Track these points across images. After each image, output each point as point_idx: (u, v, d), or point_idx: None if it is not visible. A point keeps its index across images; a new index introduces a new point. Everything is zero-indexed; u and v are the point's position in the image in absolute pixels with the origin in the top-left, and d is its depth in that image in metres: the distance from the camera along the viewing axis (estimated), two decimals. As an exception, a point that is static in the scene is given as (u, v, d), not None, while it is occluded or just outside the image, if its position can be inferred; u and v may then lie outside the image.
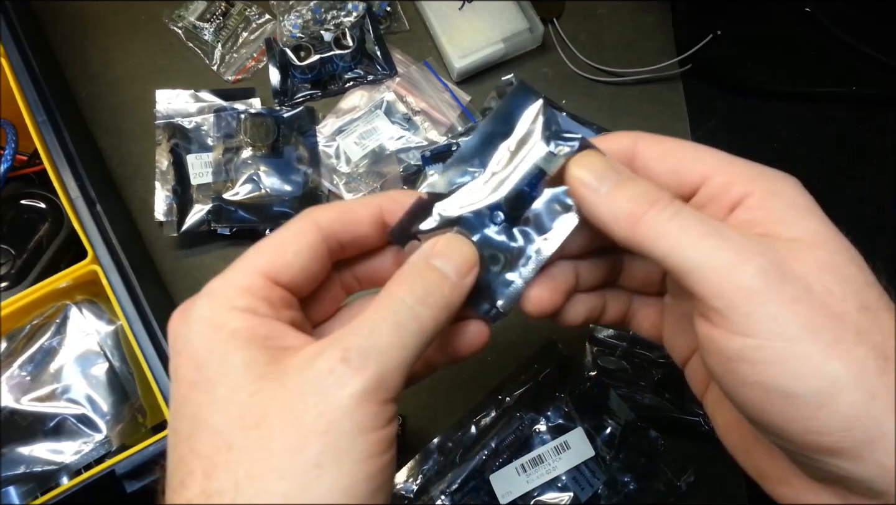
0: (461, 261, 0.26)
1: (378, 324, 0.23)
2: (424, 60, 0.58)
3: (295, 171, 0.53)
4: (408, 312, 0.24)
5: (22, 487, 0.39)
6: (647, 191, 0.25)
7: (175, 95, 0.55)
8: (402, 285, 0.24)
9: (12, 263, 0.45)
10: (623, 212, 0.24)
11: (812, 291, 0.22)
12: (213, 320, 0.24)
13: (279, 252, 0.25)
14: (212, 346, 0.23)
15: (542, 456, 0.46)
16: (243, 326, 0.24)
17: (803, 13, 0.60)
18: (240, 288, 0.25)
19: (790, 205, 0.25)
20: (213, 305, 0.25)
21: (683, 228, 0.23)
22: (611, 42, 0.59)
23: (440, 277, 0.25)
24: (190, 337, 0.24)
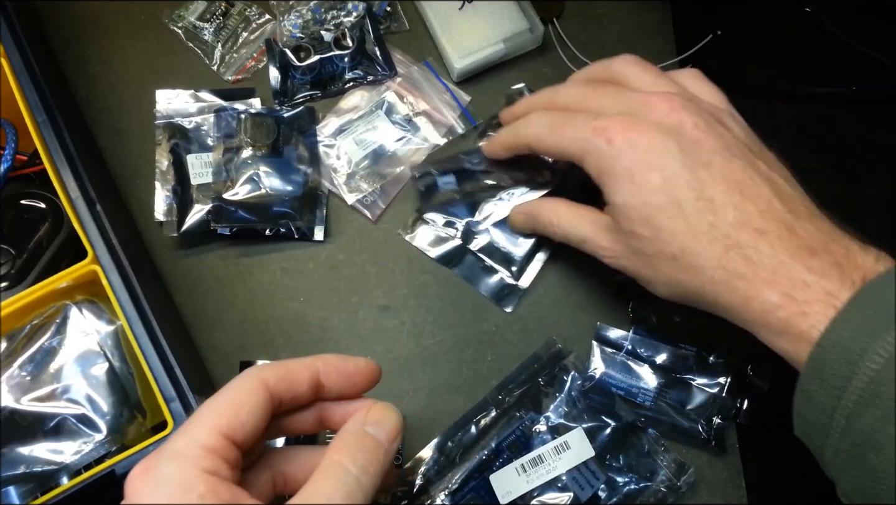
0: (390, 428, 0.30)
1: (330, 496, 0.26)
2: (425, 61, 0.58)
3: (295, 171, 0.53)
4: (355, 483, 0.27)
5: (22, 487, 0.39)
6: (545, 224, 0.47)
7: (175, 95, 0.56)
8: (346, 454, 0.28)
9: (12, 263, 0.45)
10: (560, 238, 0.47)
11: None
12: (182, 483, 0.25)
13: (236, 411, 0.28)
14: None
15: (542, 456, 0.46)
16: (208, 489, 0.25)
17: (803, 13, 0.60)
18: (205, 448, 0.26)
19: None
20: (182, 467, 0.25)
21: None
22: (611, 42, 0.59)
23: (376, 445, 0.29)
24: (155, 498, 0.25)
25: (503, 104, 0.56)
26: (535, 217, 0.47)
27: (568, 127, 0.40)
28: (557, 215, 0.45)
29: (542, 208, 0.46)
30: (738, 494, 0.48)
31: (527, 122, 0.43)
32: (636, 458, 0.47)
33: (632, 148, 0.37)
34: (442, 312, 0.52)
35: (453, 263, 0.53)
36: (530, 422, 0.47)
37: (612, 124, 0.38)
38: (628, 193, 0.37)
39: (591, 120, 0.39)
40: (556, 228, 0.45)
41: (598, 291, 0.52)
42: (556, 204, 0.46)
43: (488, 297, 0.52)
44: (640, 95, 0.39)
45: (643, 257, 0.38)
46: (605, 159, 0.38)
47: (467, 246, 0.52)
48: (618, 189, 0.38)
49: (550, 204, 0.46)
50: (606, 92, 0.41)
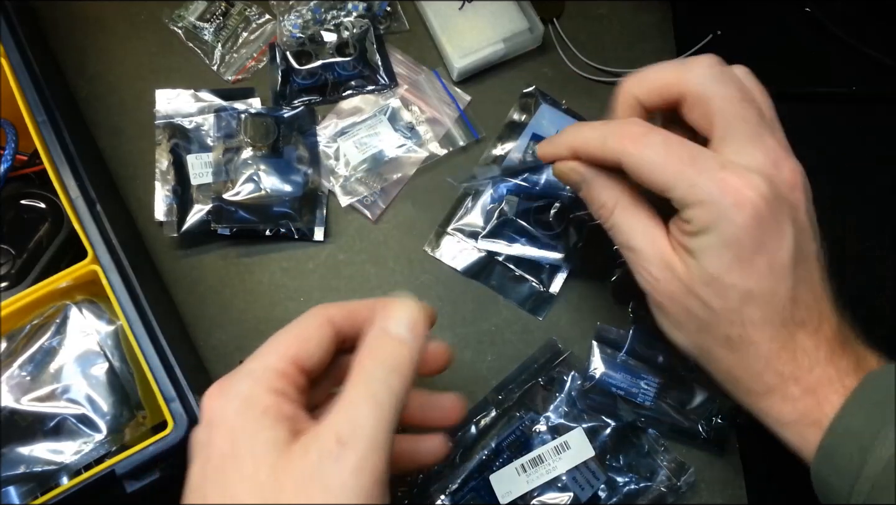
0: (409, 320, 0.30)
1: (358, 404, 0.27)
2: (434, 70, 0.58)
3: (295, 171, 0.53)
4: (379, 384, 0.28)
5: (22, 487, 0.39)
6: (602, 202, 0.39)
7: (175, 95, 0.56)
8: (369, 358, 0.29)
9: (12, 263, 0.45)
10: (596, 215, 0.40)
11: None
12: (251, 398, 0.27)
13: (305, 342, 0.30)
14: (247, 421, 0.27)
15: (542, 456, 0.46)
16: (274, 405, 0.27)
17: (803, 13, 0.60)
18: (275, 371, 0.29)
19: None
20: (253, 384, 0.28)
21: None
22: (611, 42, 0.59)
23: (398, 343, 0.29)
24: (228, 411, 0.27)
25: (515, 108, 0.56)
26: (589, 186, 0.38)
27: (689, 163, 0.33)
28: (618, 204, 0.37)
29: (604, 185, 0.38)
30: (738, 494, 0.48)
31: (633, 137, 0.35)
32: (636, 458, 0.47)
33: (756, 222, 0.32)
34: (442, 312, 0.52)
35: (482, 275, 0.52)
36: (530, 422, 0.47)
37: (746, 188, 0.32)
38: (726, 265, 0.33)
39: (719, 168, 0.33)
40: (607, 215, 0.38)
41: (599, 292, 0.52)
42: (622, 190, 0.37)
43: (520, 307, 0.52)
44: (771, 156, 0.35)
45: (688, 315, 0.35)
46: (723, 220, 0.32)
47: (495, 257, 0.52)
48: (716, 254, 0.33)
49: (615, 187, 0.38)
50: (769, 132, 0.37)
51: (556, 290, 0.52)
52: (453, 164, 0.55)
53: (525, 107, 0.56)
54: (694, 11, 0.59)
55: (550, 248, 0.51)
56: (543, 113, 0.56)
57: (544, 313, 0.51)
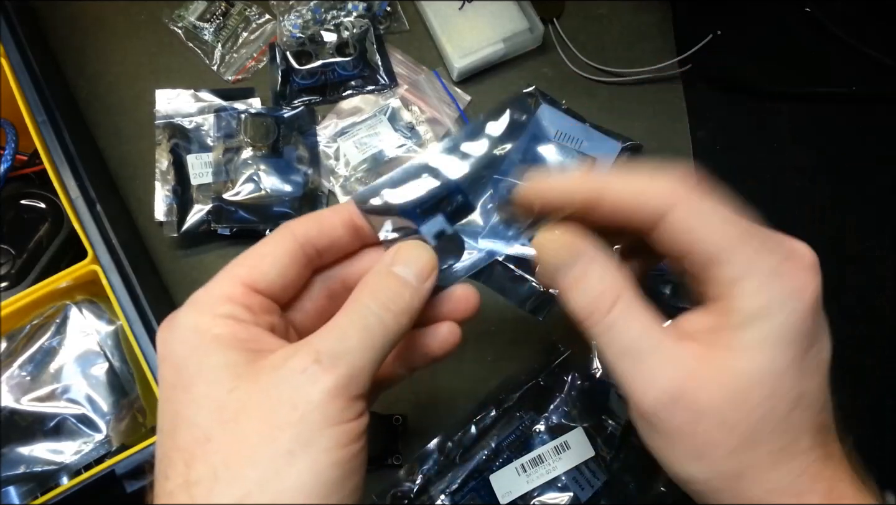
0: (421, 267, 0.28)
1: (346, 329, 0.25)
2: (434, 70, 0.58)
3: (295, 171, 0.53)
4: (374, 318, 0.26)
5: (22, 487, 0.39)
6: (604, 289, 0.27)
7: (175, 95, 0.56)
8: (367, 292, 0.26)
9: (12, 263, 0.45)
10: (580, 308, 0.28)
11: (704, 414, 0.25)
12: (195, 326, 0.26)
13: (257, 262, 0.27)
14: (192, 349, 0.25)
15: (542, 456, 0.46)
16: (224, 331, 0.25)
17: (803, 13, 0.60)
18: (221, 296, 0.26)
19: (759, 331, 0.26)
20: (197, 313, 0.26)
21: (617, 352, 0.27)
22: (611, 42, 0.59)
23: (401, 284, 0.27)
24: (174, 343, 0.26)
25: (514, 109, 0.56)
26: (586, 270, 0.29)
27: (749, 235, 0.26)
28: (622, 297, 0.27)
29: (607, 269, 0.28)
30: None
31: (685, 190, 0.27)
32: (636, 458, 0.47)
33: (815, 311, 0.27)
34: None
35: (482, 276, 0.52)
36: (530, 422, 0.47)
37: (809, 269, 0.27)
38: (787, 360, 0.26)
39: (778, 245, 0.27)
40: (603, 311, 0.28)
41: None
42: (626, 277, 0.28)
43: (521, 308, 0.51)
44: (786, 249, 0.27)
45: (724, 432, 0.26)
46: (785, 306, 0.26)
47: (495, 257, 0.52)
48: (775, 347, 0.26)
49: (618, 273, 0.28)
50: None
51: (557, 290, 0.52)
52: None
53: (525, 109, 0.56)
54: (694, 11, 0.59)
55: None
56: (543, 113, 0.56)
57: (544, 313, 0.51)
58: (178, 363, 0.25)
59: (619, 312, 0.27)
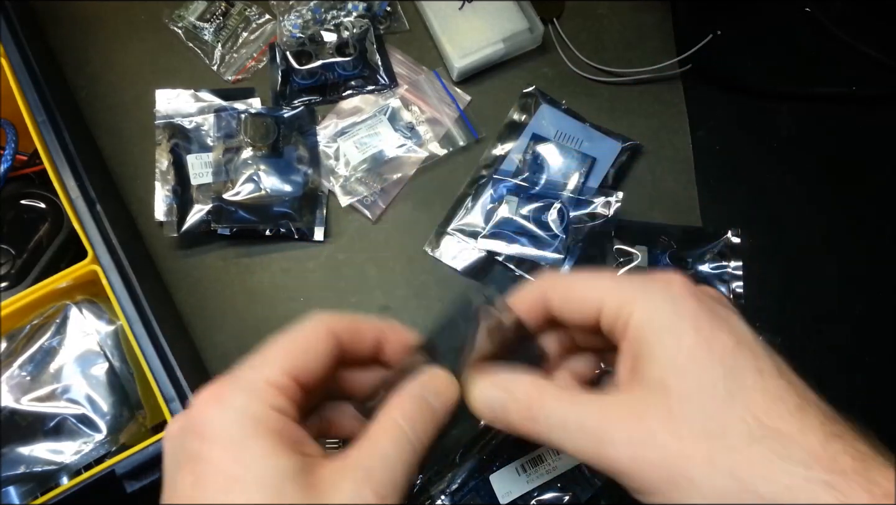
0: (449, 401, 0.29)
1: (391, 457, 0.26)
2: (434, 70, 0.58)
3: (295, 171, 0.53)
4: (409, 446, 0.27)
5: (22, 487, 0.39)
6: (522, 404, 0.29)
7: (175, 95, 0.56)
8: (406, 419, 0.27)
9: (12, 263, 0.45)
10: (517, 427, 0.29)
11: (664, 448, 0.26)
12: (252, 415, 0.25)
13: (304, 356, 0.28)
14: (251, 442, 0.25)
15: (542, 456, 0.46)
16: (279, 426, 0.25)
17: (803, 13, 0.60)
18: (274, 386, 0.27)
19: (655, 335, 0.27)
20: (251, 400, 0.26)
21: (559, 432, 0.28)
22: (611, 42, 0.59)
23: (432, 413, 0.28)
24: (226, 426, 0.25)
25: (515, 108, 0.56)
26: (505, 396, 0.29)
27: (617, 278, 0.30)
28: (540, 394, 0.29)
29: (516, 383, 0.30)
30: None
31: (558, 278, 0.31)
32: None
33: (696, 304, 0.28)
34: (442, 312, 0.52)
35: (481, 275, 0.52)
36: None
37: (675, 280, 0.29)
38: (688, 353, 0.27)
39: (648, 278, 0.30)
40: (539, 425, 0.28)
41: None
42: (538, 381, 0.29)
43: None
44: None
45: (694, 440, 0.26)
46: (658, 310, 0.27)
47: (495, 257, 0.52)
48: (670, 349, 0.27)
49: (528, 380, 0.29)
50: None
51: None
52: (453, 164, 0.55)
53: (525, 107, 0.56)
54: (694, 11, 0.59)
55: (550, 248, 0.51)
56: (543, 113, 0.56)
57: None
58: (235, 452, 0.25)
59: (545, 403, 0.28)
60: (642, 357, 0.27)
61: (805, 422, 0.25)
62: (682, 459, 0.25)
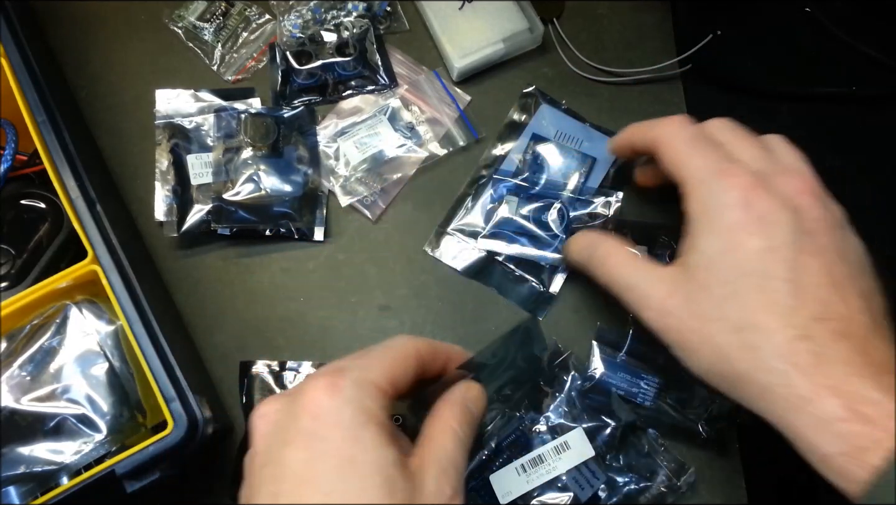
0: (482, 407, 0.36)
1: (454, 454, 0.32)
2: (434, 71, 0.58)
3: (295, 171, 0.53)
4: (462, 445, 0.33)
5: (22, 487, 0.39)
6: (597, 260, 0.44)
7: (175, 95, 0.56)
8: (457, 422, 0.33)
9: (12, 263, 0.45)
10: (597, 274, 0.45)
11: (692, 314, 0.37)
12: (365, 408, 0.30)
13: (398, 368, 0.33)
14: (365, 432, 0.29)
15: (542, 456, 0.46)
16: (386, 422, 0.30)
17: (803, 13, 0.60)
18: (381, 389, 0.31)
19: (704, 226, 0.38)
20: (364, 395, 0.30)
21: (612, 278, 0.43)
22: (611, 42, 0.59)
23: (472, 418, 0.35)
24: (344, 413, 0.29)
25: (514, 108, 0.56)
26: (592, 248, 0.44)
27: (702, 151, 0.39)
28: (614, 253, 0.42)
29: (602, 241, 0.44)
30: (738, 494, 0.48)
31: (670, 123, 0.42)
32: (636, 458, 0.47)
33: (748, 206, 0.36)
34: (442, 312, 0.52)
35: (481, 275, 0.52)
36: (530, 422, 0.47)
37: (741, 175, 0.37)
38: (721, 247, 0.36)
39: (724, 160, 0.38)
40: (604, 266, 0.43)
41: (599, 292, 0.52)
42: (617, 244, 0.43)
43: (521, 307, 0.52)
44: (780, 165, 0.39)
45: (699, 320, 0.36)
46: (715, 203, 0.37)
47: (495, 257, 0.52)
48: (712, 238, 0.36)
49: (612, 241, 0.44)
50: (753, 145, 0.40)
51: (557, 290, 0.52)
52: (453, 165, 0.55)
53: (525, 107, 0.56)
54: (694, 11, 0.59)
55: (550, 248, 0.51)
56: (543, 113, 0.56)
57: (544, 313, 0.51)
58: (353, 436, 0.29)
59: (612, 262, 0.42)
60: (692, 236, 0.37)
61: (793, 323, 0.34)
62: (690, 333, 0.36)
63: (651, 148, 0.43)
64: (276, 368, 0.49)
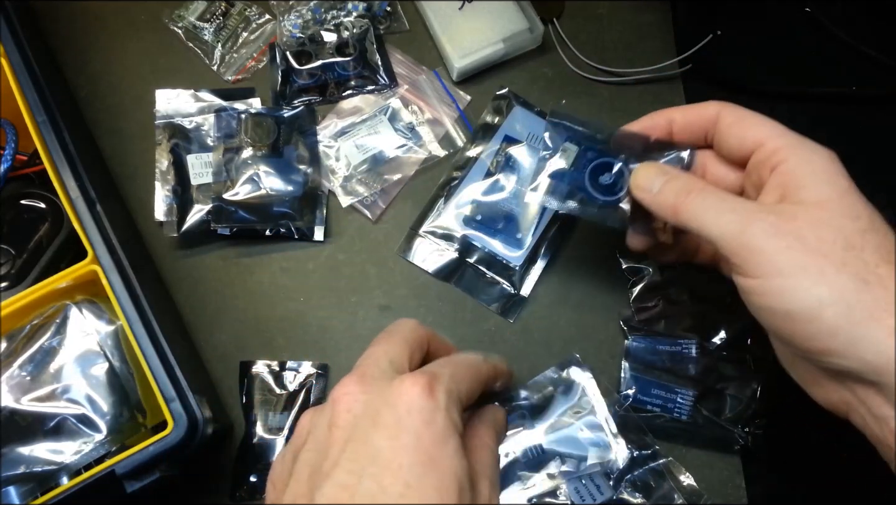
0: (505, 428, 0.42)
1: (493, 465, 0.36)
2: (434, 70, 0.58)
3: (295, 170, 0.53)
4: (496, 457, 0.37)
5: (22, 487, 0.39)
6: (682, 185, 0.37)
7: (175, 95, 0.56)
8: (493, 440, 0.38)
9: (12, 263, 0.45)
10: (668, 204, 0.37)
11: (803, 240, 0.32)
12: (451, 418, 0.32)
13: (475, 388, 0.36)
14: (450, 440, 0.31)
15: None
16: (462, 435, 0.32)
17: (803, 13, 0.60)
18: (463, 404, 0.34)
19: (812, 172, 0.34)
20: (453, 407, 0.32)
21: (706, 208, 0.35)
22: (611, 42, 0.59)
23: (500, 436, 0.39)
24: (435, 417, 0.31)
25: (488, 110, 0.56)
26: (672, 179, 0.38)
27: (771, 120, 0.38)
28: (695, 187, 0.36)
29: (681, 174, 0.38)
30: (738, 494, 0.48)
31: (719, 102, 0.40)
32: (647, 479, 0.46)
33: (830, 156, 0.37)
34: (442, 312, 0.52)
35: (452, 276, 0.52)
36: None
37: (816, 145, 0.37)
38: (838, 196, 0.34)
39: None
40: (683, 198, 0.36)
41: (596, 291, 0.52)
42: (698, 178, 0.38)
43: (491, 308, 0.51)
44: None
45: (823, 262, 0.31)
46: (822, 162, 0.36)
47: (466, 259, 0.52)
48: (827, 188, 0.34)
49: (691, 176, 0.38)
50: None
51: (527, 292, 0.51)
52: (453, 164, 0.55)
53: (498, 109, 0.56)
54: (694, 11, 0.59)
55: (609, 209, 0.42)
56: (516, 115, 0.55)
57: (515, 316, 0.51)
58: (439, 437, 0.31)
59: (707, 189, 0.36)
60: (796, 186, 0.34)
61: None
62: (819, 254, 0.31)
63: (711, 121, 0.39)
64: (276, 368, 0.49)
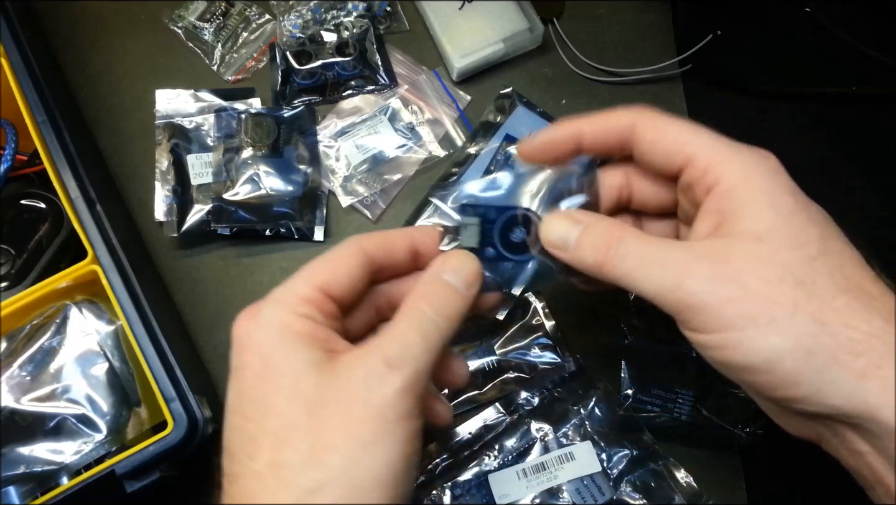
0: (468, 275, 0.31)
1: (408, 334, 0.28)
2: (434, 70, 0.58)
3: (295, 170, 0.53)
4: (430, 323, 0.29)
5: (22, 487, 0.39)
6: (599, 239, 0.30)
7: (175, 95, 0.56)
8: (422, 299, 0.29)
9: (12, 263, 0.45)
10: (589, 262, 0.30)
11: (746, 287, 0.27)
12: (280, 322, 0.28)
13: (333, 270, 0.31)
14: (278, 342, 0.28)
15: (544, 463, 0.45)
16: (305, 329, 0.28)
17: (803, 13, 0.60)
18: (302, 297, 0.29)
19: (750, 195, 0.29)
20: (280, 309, 0.29)
21: (632, 266, 0.29)
22: (611, 42, 0.59)
23: (452, 291, 0.30)
24: (259, 335, 0.28)
25: (490, 109, 0.56)
26: (587, 230, 0.31)
27: (702, 127, 0.32)
28: (621, 239, 0.30)
29: (600, 223, 0.31)
30: (738, 494, 0.48)
31: (638, 108, 0.33)
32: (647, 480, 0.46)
33: (777, 171, 0.31)
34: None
35: None
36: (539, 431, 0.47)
37: (760, 153, 0.32)
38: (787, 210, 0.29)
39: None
40: (613, 261, 0.30)
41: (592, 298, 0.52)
42: (623, 228, 0.31)
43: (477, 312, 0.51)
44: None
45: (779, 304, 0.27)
46: (763, 171, 0.30)
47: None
48: (767, 208, 0.29)
49: (612, 223, 0.31)
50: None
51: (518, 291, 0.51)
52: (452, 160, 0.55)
53: (501, 108, 0.56)
54: (694, 11, 0.59)
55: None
56: (518, 115, 0.55)
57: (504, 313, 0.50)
58: (265, 354, 0.28)
59: (629, 241, 0.30)
60: (732, 213, 0.29)
61: (884, 288, 0.28)
62: (766, 300, 0.27)
63: (625, 135, 0.33)
64: (276, 368, 0.49)
